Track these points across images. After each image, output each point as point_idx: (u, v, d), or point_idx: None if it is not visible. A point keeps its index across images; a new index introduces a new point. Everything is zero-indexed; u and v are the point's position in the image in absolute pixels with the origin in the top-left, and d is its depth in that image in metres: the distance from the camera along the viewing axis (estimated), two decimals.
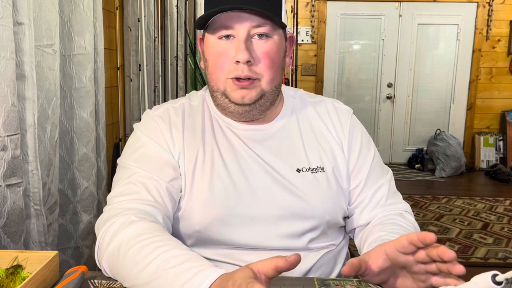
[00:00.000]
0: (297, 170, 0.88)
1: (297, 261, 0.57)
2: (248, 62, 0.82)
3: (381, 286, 0.70)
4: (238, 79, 0.83)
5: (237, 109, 0.86)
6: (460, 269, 0.59)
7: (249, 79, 0.83)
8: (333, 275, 0.92)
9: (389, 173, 0.97)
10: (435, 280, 0.64)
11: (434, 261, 0.63)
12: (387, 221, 0.88)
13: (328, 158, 0.91)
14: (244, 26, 0.81)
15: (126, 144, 0.92)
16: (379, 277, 0.68)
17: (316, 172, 0.89)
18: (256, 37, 0.83)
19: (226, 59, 0.83)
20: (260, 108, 0.87)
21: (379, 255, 0.67)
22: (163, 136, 0.88)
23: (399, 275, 0.68)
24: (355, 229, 0.95)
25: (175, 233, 0.88)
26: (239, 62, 0.82)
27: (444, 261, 0.61)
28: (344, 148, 0.93)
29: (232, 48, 0.82)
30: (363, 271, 0.66)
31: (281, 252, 0.86)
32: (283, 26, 0.86)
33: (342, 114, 0.96)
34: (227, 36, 0.83)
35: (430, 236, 0.61)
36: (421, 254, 0.64)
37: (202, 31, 0.89)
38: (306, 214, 0.87)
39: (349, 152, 0.93)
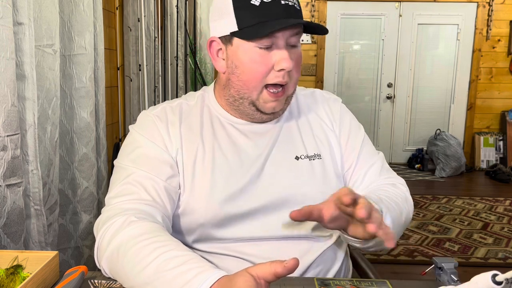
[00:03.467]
0: (295, 158, 0.92)
1: (295, 266, 0.58)
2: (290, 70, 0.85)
3: (343, 231, 0.80)
4: (274, 91, 0.85)
5: (262, 116, 0.90)
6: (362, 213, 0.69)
7: (282, 87, 0.86)
8: (332, 271, 0.93)
9: (380, 153, 1.02)
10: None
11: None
12: (377, 187, 0.93)
13: (324, 145, 0.95)
14: (285, 35, 0.83)
15: (122, 145, 0.92)
16: (334, 224, 0.77)
17: (313, 159, 0.93)
18: (288, 45, 0.85)
19: (266, 66, 0.84)
20: (282, 111, 0.93)
21: (329, 203, 0.75)
22: (160, 135, 0.88)
23: (354, 222, 0.77)
24: None
25: (177, 230, 0.89)
26: (283, 70, 0.83)
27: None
28: (335, 130, 0.98)
29: (271, 56, 0.84)
30: (316, 218, 0.75)
31: (286, 240, 0.88)
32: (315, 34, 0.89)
33: (333, 103, 1.02)
34: (268, 47, 0.83)
35: (345, 199, 0.70)
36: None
37: (212, 35, 0.89)
38: (307, 201, 0.87)
39: (340, 134, 0.98)
